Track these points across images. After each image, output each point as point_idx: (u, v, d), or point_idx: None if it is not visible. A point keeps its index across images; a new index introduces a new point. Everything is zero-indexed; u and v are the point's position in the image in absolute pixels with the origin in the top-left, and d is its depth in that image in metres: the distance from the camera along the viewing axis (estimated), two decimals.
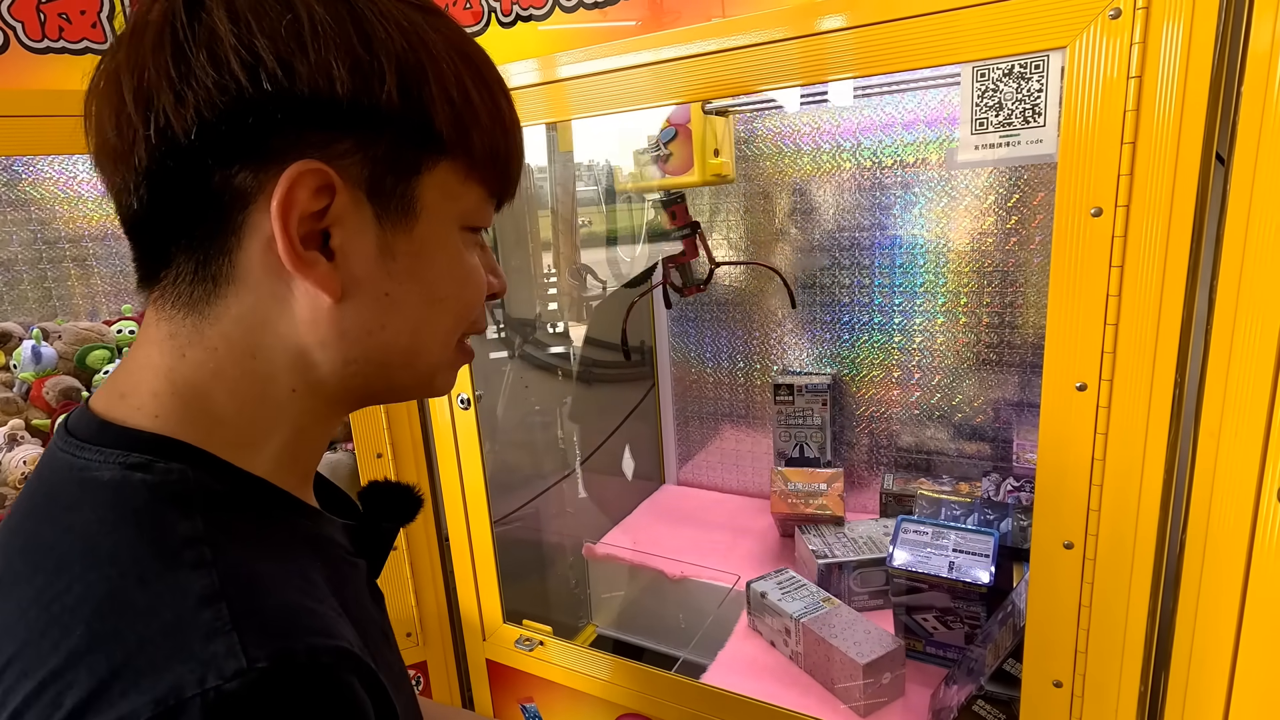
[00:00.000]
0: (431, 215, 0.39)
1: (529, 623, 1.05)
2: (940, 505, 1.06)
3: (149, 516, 0.33)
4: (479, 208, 0.42)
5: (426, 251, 0.40)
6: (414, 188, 0.38)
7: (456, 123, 0.38)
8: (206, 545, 0.33)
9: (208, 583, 0.31)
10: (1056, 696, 0.65)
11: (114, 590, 0.31)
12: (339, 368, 0.39)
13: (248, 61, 0.33)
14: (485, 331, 0.49)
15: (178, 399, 0.37)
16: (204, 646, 0.29)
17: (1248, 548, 0.54)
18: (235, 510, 0.36)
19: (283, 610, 0.32)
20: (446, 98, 0.37)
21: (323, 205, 0.36)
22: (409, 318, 0.40)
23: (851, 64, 0.61)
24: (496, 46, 0.80)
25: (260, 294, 0.37)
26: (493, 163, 0.41)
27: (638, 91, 0.73)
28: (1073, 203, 0.55)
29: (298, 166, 0.34)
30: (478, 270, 0.43)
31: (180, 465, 0.36)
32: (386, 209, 0.38)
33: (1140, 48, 0.51)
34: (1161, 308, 0.54)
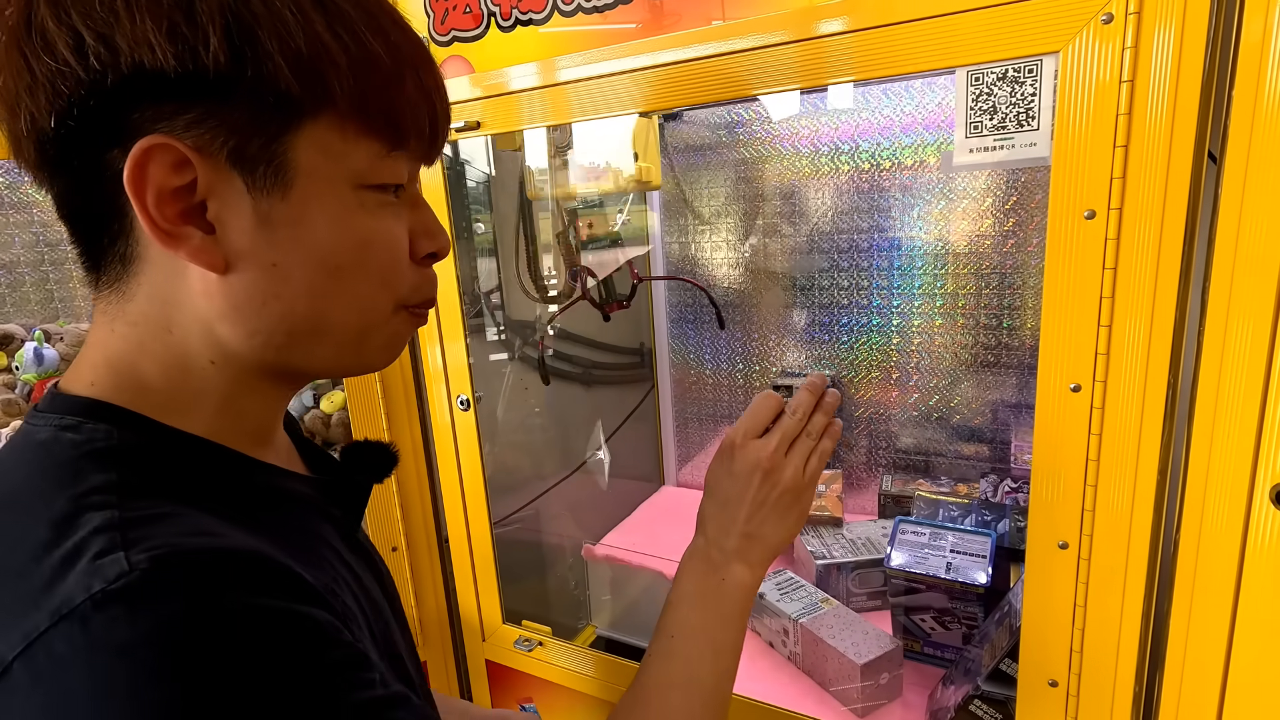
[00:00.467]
0: (310, 178, 0.37)
1: (528, 623, 1.05)
2: (938, 506, 1.07)
3: (69, 469, 0.35)
4: (376, 164, 0.39)
5: (310, 217, 0.38)
6: (282, 150, 0.36)
7: (308, 76, 0.35)
8: (114, 493, 0.34)
9: (107, 517, 0.32)
10: (1052, 696, 0.66)
11: (26, 531, 0.33)
12: (245, 340, 0.39)
13: (72, 44, 0.33)
14: (433, 299, 0.46)
15: (110, 369, 0.39)
16: (93, 564, 0.30)
17: (1240, 548, 0.54)
18: (158, 463, 0.37)
19: (176, 531, 0.33)
20: (289, 51, 0.35)
21: (188, 179, 0.35)
22: (303, 288, 0.39)
23: (848, 68, 0.62)
24: (497, 50, 0.81)
25: (161, 271, 0.38)
26: (369, 113, 0.38)
27: (637, 95, 0.74)
28: (1066, 205, 0.56)
29: (144, 142, 0.34)
30: (386, 235, 0.41)
31: (106, 425, 0.37)
32: (254, 176, 0.36)
33: (1132, 52, 0.51)
34: (1154, 309, 0.54)
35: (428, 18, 0.85)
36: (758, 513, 0.57)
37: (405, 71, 0.39)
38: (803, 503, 0.58)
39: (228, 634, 0.30)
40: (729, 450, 0.59)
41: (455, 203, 0.94)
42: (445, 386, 0.99)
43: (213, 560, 0.32)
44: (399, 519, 1.05)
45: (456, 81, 0.85)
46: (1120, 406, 0.57)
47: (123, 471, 0.35)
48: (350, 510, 0.49)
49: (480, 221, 1.19)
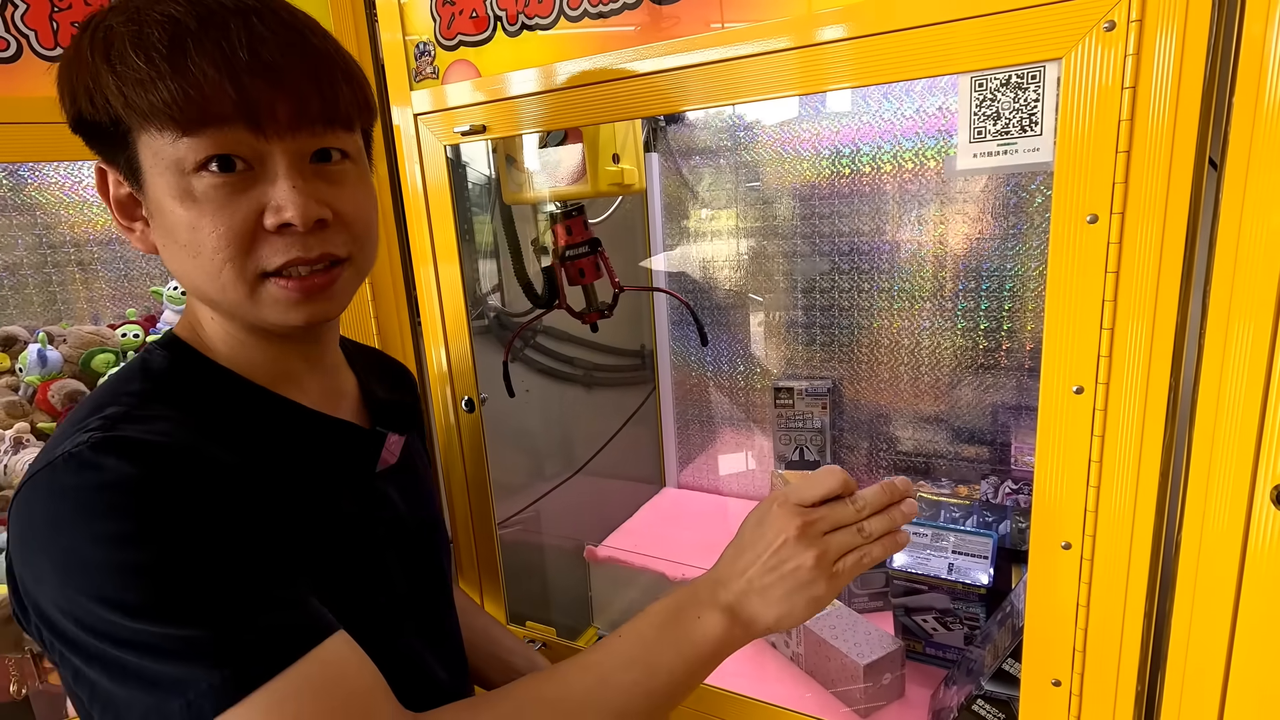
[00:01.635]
0: (151, 176, 0.48)
1: (532, 624, 1.05)
2: (939, 507, 1.07)
3: (125, 378, 0.52)
4: (181, 149, 0.47)
5: (158, 206, 0.49)
6: (135, 159, 0.48)
7: (105, 109, 0.47)
8: (138, 396, 0.50)
9: (117, 410, 0.47)
10: (1055, 695, 0.66)
11: (77, 414, 0.49)
12: (200, 298, 0.53)
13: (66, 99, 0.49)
14: (300, 261, 0.50)
15: (187, 314, 0.57)
16: (82, 434, 0.45)
17: (1241, 548, 0.55)
18: (187, 382, 0.53)
19: (143, 428, 0.46)
20: (85, 93, 0.47)
21: (125, 189, 0.51)
22: (176, 260, 0.50)
23: (851, 74, 0.62)
24: (503, 55, 0.82)
25: None
26: (155, 112, 0.46)
27: (636, 101, 0.74)
28: (1069, 210, 0.56)
29: (96, 167, 0.51)
30: (209, 212, 0.48)
31: (165, 352, 0.54)
32: (136, 181, 0.49)
33: (1134, 59, 0.52)
34: (1156, 312, 0.55)
35: (434, 22, 0.85)
36: (765, 576, 0.52)
37: (179, 62, 0.45)
38: (816, 592, 0.52)
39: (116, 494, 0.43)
40: (770, 503, 0.55)
41: (458, 204, 0.95)
42: (450, 388, 0.99)
43: (134, 450, 0.44)
44: None
45: (461, 85, 0.86)
46: (1122, 408, 0.58)
47: (155, 384, 0.52)
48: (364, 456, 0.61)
49: (480, 223, 1.20)
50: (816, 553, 0.52)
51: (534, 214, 1.16)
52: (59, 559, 0.43)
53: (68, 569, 0.42)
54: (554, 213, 1.05)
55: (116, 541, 0.42)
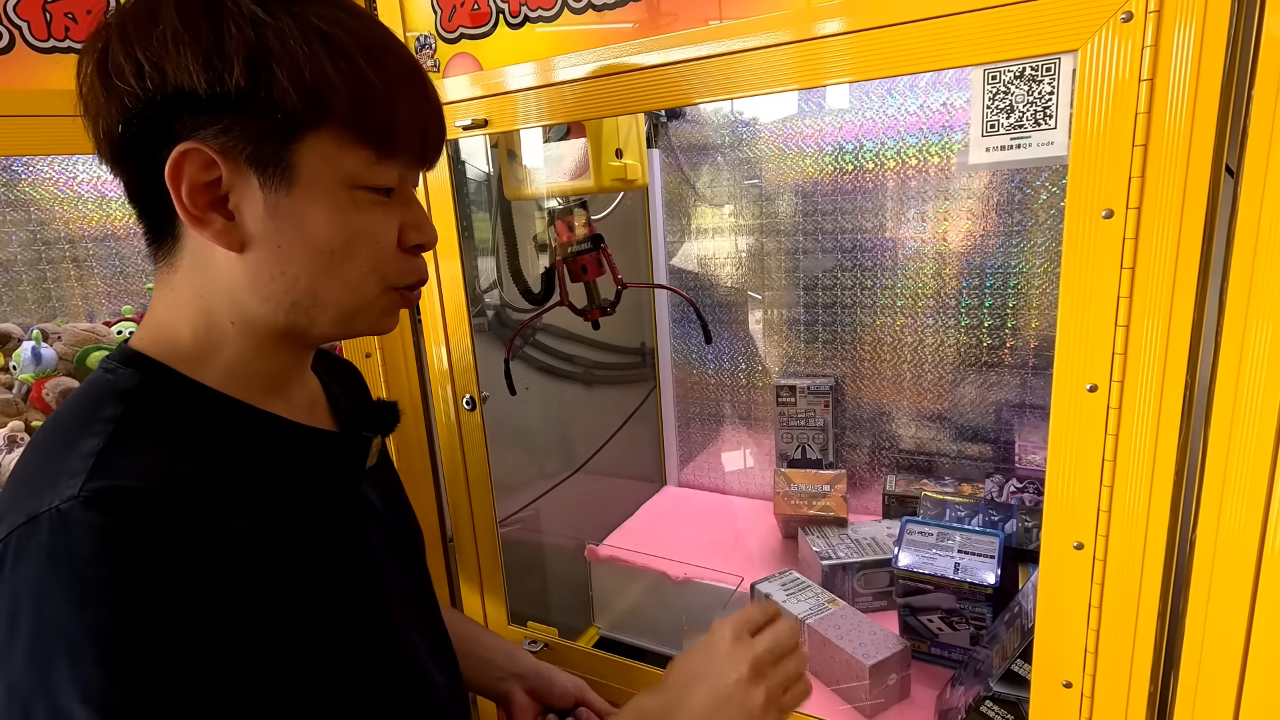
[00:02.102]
0: (311, 178, 0.46)
1: (534, 624, 1.04)
2: (945, 506, 1.07)
3: (92, 403, 0.46)
4: (367, 169, 0.48)
5: (310, 209, 0.47)
6: (290, 155, 0.45)
7: (310, 98, 0.44)
8: (114, 423, 0.44)
9: (95, 444, 0.42)
10: (1066, 697, 0.65)
11: (43, 444, 0.45)
12: (260, 305, 0.49)
13: (136, 71, 0.43)
14: (423, 282, 0.56)
15: (152, 327, 0.50)
16: (67, 483, 0.40)
17: (1258, 549, 0.54)
18: (165, 404, 0.47)
19: (134, 465, 0.42)
20: (296, 78, 0.43)
21: (215, 176, 0.45)
22: (303, 266, 0.48)
23: (865, 66, 0.61)
24: (505, 48, 0.80)
25: (195, 246, 0.48)
26: (364, 129, 0.47)
27: (638, 95, 0.73)
28: (1084, 205, 0.55)
29: (180, 147, 0.44)
30: (372, 229, 0.49)
31: (131, 370, 0.48)
32: (266, 174, 0.45)
33: (1152, 51, 0.51)
34: (1173, 309, 0.54)
35: (435, 14, 0.84)
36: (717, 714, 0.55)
37: (396, 93, 0.48)
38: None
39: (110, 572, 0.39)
40: (721, 633, 0.60)
41: (459, 201, 0.94)
42: (451, 386, 0.98)
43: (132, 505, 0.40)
44: None
45: (462, 79, 0.84)
46: (1137, 407, 0.57)
47: (131, 408, 0.45)
48: (350, 464, 0.58)
49: (479, 220, 1.18)
50: (765, 691, 0.56)
51: (537, 210, 1.15)
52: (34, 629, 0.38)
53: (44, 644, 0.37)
54: (555, 209, 1.04)
55: (104, 623, 0.38)
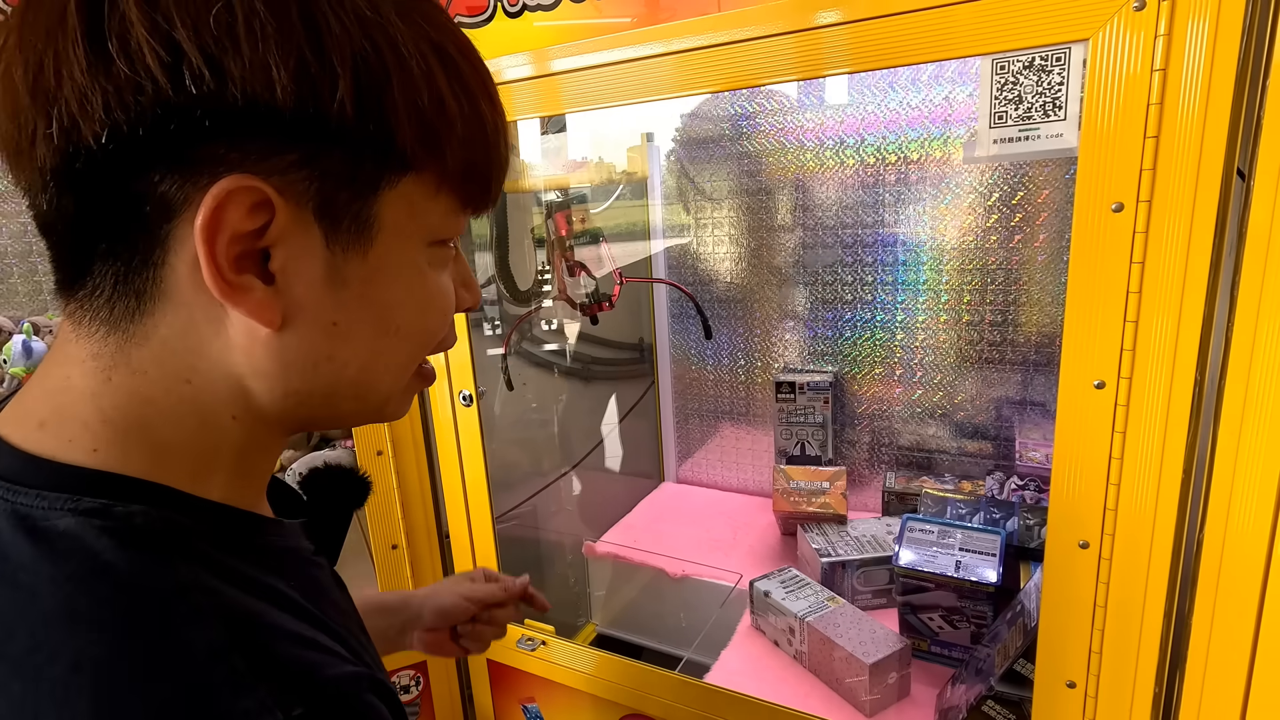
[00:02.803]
0: (392, 235, 0.34)
1: (531, 622, 1.04)
2: (945, 504, 1.06)
3: (124, 569, 0.30)
4: (449, 220, 0.37)
5: (383, 276, 0.35)
6: (372, 206, 0.33)
7: (426, 136, 0.33)
8: (197, 592, 0.30)
9: (211, 636, 0.29)
10: (1070, 697, 0.65)
11: (111, 654, 0.28)
12: (280, 398, 0.35)
13: (166, 58, 0.28)
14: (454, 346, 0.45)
15: (112, 429, 0.33)
16: (232, 703, 0.27)
17: (1268, 548, 0.53)
18: (207, 544, 0.33)
19: (293, 649, 0.31)
20: (414, 107, 0.32)
21: (261, 223, 0.31)
22: (360, 350, 0.36)
23: (875, 55, 0.60)
24: (502, 37, 0.79)
25: (191, 315, 0.32)
26: (469, 177, 0.36)
27: (640, 85, 0.72)
28: (1093, 197, 0.54)
29: (227, 183, 0.29)
30: (445, 292, 0.39)
31: (139, 506, 0.32)
32: (338, 230, 0.33)
33: (1165, 40, 0.50)
34: (1183, 305, 0.53)
35: None
36: None
37: (499, 139, 0.38)
38: None
39: None
40: None
41: None
42: (448, 382, 0.97)
43: (350, 700, 0.31)
44: (399, 516, 1.03)
45: None
46: (1145, 403, 0.56)
47: (185, 565, 0.31)
48: (331, 547, 0.47)
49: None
50: None
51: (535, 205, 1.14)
52: None
53: None
54: (553, 202, 1.02)
55: None
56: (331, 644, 0.33)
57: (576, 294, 1.07)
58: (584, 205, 1.04)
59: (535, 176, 1.03)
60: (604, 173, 1.16)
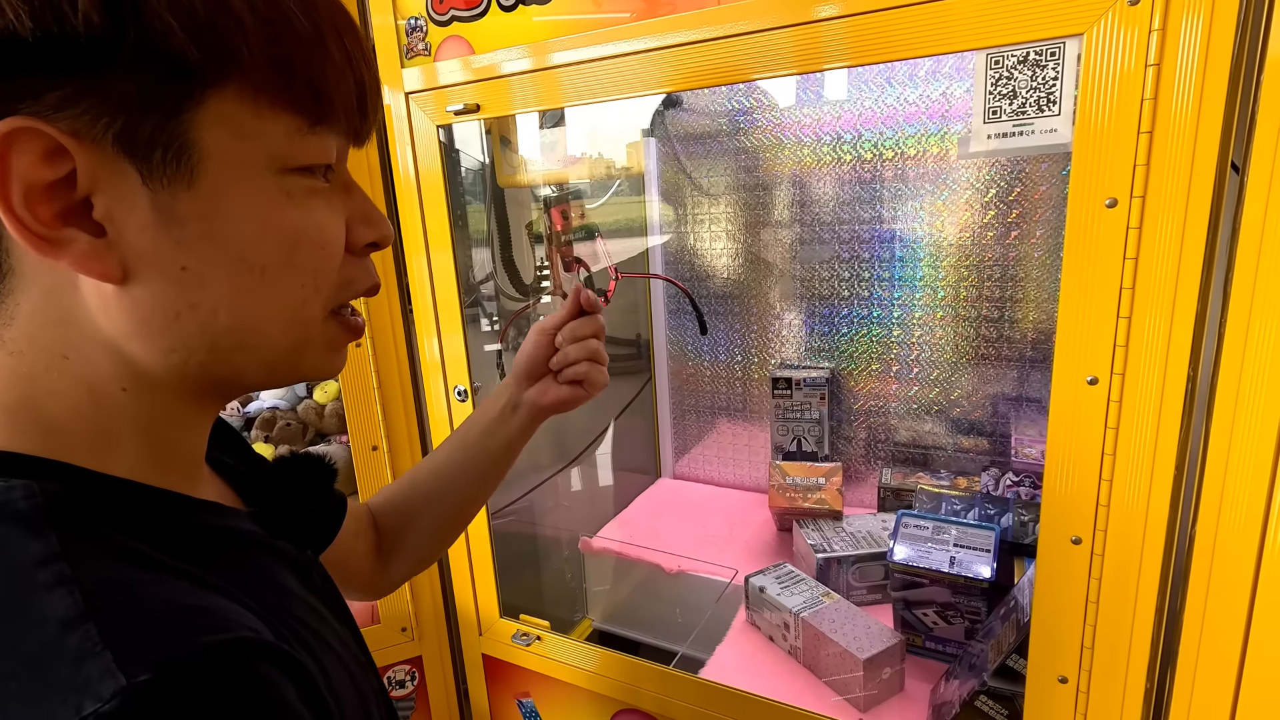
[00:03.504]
0: (220, 163, 0.32)
1: (526, 617, 1.04)
2: (941, 500, 1.06)
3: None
4: (298, 143, 0.34)
5: (224, 210, 0.32)
6: (182, 131, 0.30)
7: (206, 39, 0.29)
8: (65, 562, 0.28)
9: (69, 604, 0.27)
10: (1062, 692, 0.65)
11: None
12: (160, 358, 0.33)
13: None
14: (374, 291, 0.41)
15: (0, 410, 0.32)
16: (74, 673, 0.25)
17: (1259, 545, 0.53)
18: (98, 517, 0.31)
19: (163, 616, 0.28)
20: (180, 7, 0.29)
21: (64, 171, 0.29)
22: (222, 294, 0.33)
23: (866, 50, 0.60)
24: (497, 31, 0.79)
25: (43, 285, 0.31)
26: (289, 83, 0.33)
27: (635, 79, 0.72)
28: (1087, 193, 0.54)
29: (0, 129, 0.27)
30: (318, 226, 0.36)
31: (23, 480, 0.30)
32: (151, 164, 0.30)
33: (1159, 35, 0.50)
34: (1176, 301, 0.53)
35: None
36: None
37: (326, 33, 0.34)
38: None
39: None
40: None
41: (451, 189, 0.92)
42: (442, 377, 0.97)
43: (223, 665, 0.28)
44: None
45: (454, 63, 0.83)
46: (1138, 400, 0.56)
47: (61, 535, 0.29)
48: (301, 540, 0.44)
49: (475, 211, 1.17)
50: None
51: (532, 199, 1.14)
52: None
53: None
54: (549, 197, 1.02)
55: None
56: (231, 611, 0.31)
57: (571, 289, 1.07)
58: (580, 200, 1.04)
59: (533, 171, 1.03)
60: (601, 168, 1.16)
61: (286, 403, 1.29)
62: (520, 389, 0.67)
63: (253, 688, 0.28)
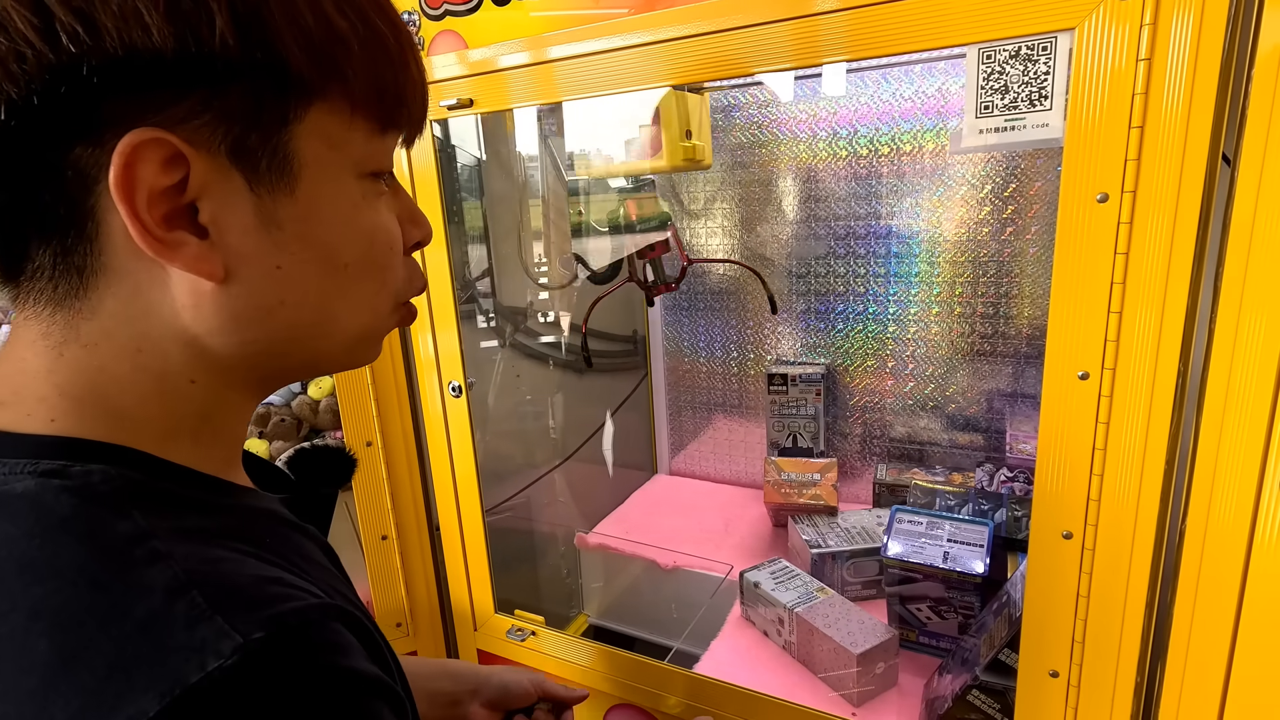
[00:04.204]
0: (316, 170, 0.35)
1: (521, 613, 1.04)
2: (935, 495, 1.06)
3: (82, 523, 0.30)
4: (375, 150, 0.38)
5: (318, 214, 0.35)
6: (286, 142, 0.33)
7: (319, 58, 0.33)
8: (155, 540, 0.30)
9: (170, 575, 0.29)
10: (1053, 686, 0.65)
11: (68, 601, 0.28)
12: (237, 350, 0.36)
13: (36, 21, 0.28)
14: (424, 288, 0.45)
15: (69, 400, 0.34)
16: (190, 635, 0.28)
17: (1248, 539, 0.54)
18: (166, 500, 0.34)
19: (249, 585, 0.31)
20: (298, 29, 0.32)
21: (178, 178, 0.31)
22: (310, 290, 0.36)
23: (851, 45, 0.60)
24: (490, 26, 0.79)
25: (134, 282, 0.33)
26: (380, 97, 0.36)
27: (630, 73, 0.72)
28: (1078, 188, 0.54)
29: (130, 138, 0.30)
30: (386, 227, 0.39)
31: (98, 465, 0.32)
32: (258, 172, 0.33)
33: (1150, 29, 0.50)
34: (1166, 296, 0.53)
35: None
36: None
37: (406, 49, 0.38)
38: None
39: (344, 703, 0.30)
40: None
41: (446, 187, 0.92)
42: (436, 373, 0.97)
43: (313, 625, 0.31)
44: (389, 507, 1.03)
45: (448, 57, 0.82)
46: (1129, 394, 0.56)
47: (143, 516, 0.31)
48: (319, 523, 0.47)
49: (471, 207, 1.17)
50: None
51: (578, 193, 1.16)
52: None
53: None
54: (624, 188, 1.09)
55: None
56: (298, 582, 0.33)
57: (643, 276, 1.12)
58: (653, 192, 1.09)
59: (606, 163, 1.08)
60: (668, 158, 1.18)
61: (281, 399, 1.29)
62: (478, 696, 0.67)
63: (337, 646, 0.31)
